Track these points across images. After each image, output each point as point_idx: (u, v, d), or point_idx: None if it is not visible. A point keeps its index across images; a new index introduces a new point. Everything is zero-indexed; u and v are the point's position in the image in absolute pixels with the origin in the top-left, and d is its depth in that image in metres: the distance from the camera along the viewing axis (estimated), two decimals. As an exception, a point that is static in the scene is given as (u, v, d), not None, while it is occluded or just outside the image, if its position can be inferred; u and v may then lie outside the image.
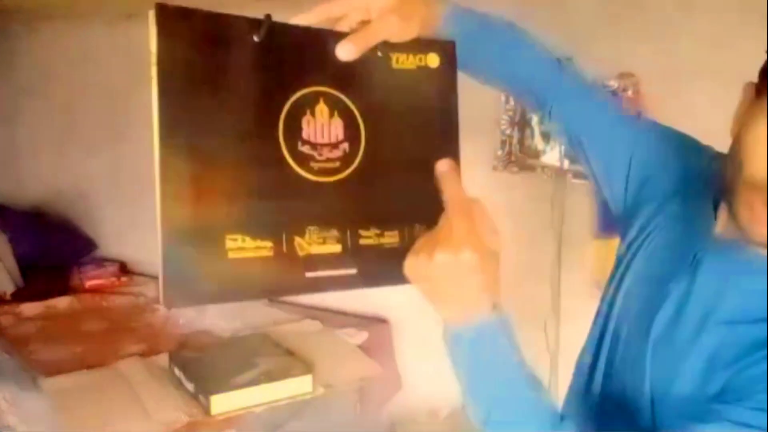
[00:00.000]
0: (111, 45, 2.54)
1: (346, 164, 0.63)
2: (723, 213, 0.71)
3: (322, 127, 0.62)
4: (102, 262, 2.52)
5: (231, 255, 0.58)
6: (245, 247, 0.59)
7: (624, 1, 1.52)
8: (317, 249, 0.62)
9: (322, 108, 0.62)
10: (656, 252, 0.76)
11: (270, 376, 1.53)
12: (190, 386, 1.53)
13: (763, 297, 0.67)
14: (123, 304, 2.26)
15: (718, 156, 0.74)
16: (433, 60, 0.67)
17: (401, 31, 0.65)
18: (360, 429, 1.62)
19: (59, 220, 2.62)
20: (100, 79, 2.59)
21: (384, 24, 0.64)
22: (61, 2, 2.34)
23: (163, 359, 1.70)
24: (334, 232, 0.63)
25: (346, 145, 0.63)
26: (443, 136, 0.67)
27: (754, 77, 0.62)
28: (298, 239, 0.61)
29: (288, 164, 0.61)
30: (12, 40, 2.76)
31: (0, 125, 2.83)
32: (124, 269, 2.53)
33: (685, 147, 0.80)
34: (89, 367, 1.67)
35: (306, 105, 0.62)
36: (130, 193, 2.62)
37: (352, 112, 0.64)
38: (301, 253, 0.61)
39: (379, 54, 0.64)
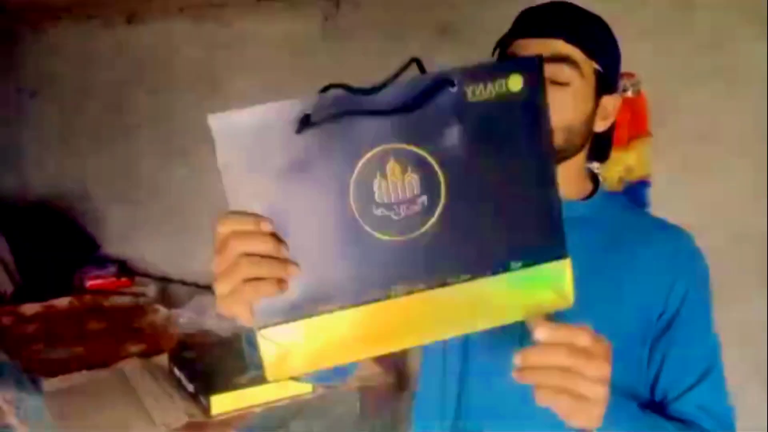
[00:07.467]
0: (113, 46, 2.54)
1: (427, 216, 0.60)
2: None
3: (396, 185, 0.59)
4: (103, 262, 2.52)
5: (318, 322, 0.60)
6: (332, 319, 0.60)
7: (624, 1, 1.51)
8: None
9: (393, 166, 0.59)
10: None
11: (270, 377, 1.53)
12: (190, 386, 1.53)
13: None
14: (124, 304, 2.26)
15: None
16: (515, 83, 0.59)
17: None
18: (360, 429, 1.62)
19: (61, 219, 2.62)
20: (103, 80, 2.60)
21: None
22: (64, 4, 2.35)
23: (163, 359, 1.70)
24: (421, 286, 0.61)
25: (424, 198, 0.60)
26: (536, 167, 0.61)
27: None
28: (382, 302, 0.61)
29: (365, 231, 0.59)
30: (16, 42, 2.77)
31: (4, 125, 2.84)
32: (125, 269, 2.53)
33: None
34: (90, 367, 1.67)
35: (375, 166, 0.59)
36: (133, 194, 2.62)
37: (427, 162, 0.59)
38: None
39: (455, 88, 0.58)
